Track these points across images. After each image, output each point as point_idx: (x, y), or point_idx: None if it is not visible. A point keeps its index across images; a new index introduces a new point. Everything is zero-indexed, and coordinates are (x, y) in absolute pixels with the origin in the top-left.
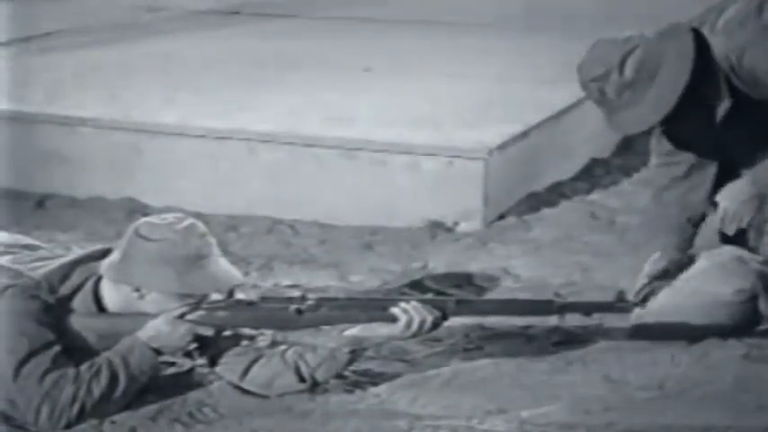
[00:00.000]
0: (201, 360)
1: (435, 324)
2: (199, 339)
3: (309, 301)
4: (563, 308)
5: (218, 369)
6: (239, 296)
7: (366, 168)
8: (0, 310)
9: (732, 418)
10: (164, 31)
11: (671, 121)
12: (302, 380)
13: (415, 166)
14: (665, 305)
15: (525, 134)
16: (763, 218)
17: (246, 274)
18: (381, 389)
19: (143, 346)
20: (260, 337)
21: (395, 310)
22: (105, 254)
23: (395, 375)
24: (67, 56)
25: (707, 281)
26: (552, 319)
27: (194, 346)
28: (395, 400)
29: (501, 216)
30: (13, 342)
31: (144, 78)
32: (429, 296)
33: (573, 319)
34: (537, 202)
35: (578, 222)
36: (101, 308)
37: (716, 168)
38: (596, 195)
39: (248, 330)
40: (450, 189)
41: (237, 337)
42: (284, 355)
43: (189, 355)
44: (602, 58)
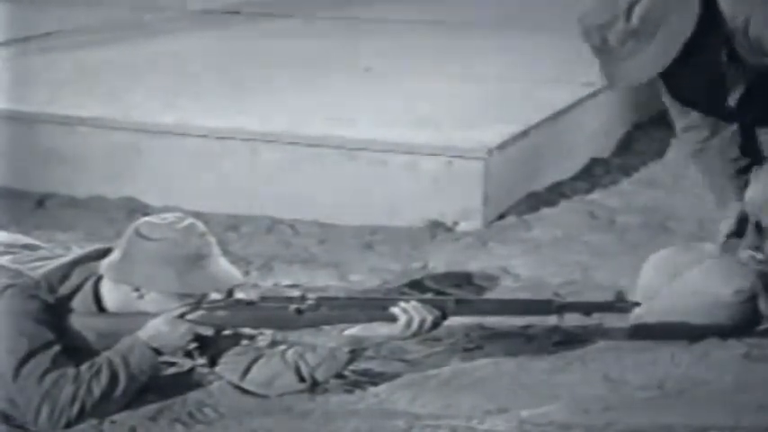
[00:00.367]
0: (201, 360)
1: (435, 324)
2: (199, 339)
3: (309, 301)
4: (562, 307)
5: (218, 369)
6: (239, 296)
7: (366, 168)
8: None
9: (732, 418)
10: (164, 31)
11: (672, 77)
12: (302, 380)
13: (415, 166)
14: (665, 305)
15: (525, 134)
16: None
17: (246, 273)
18: (381, 389)
19: (143, 346)
20: (260, 337)
21: (395, 309)
22: (105, 253)
23: (394, 375)
24: (67, 56)
25: (707, 281)
26: (552, 319)
27: (194, 345)
28: (394, 399)
29: (501, 216)
30: (12, 342)
31: (144, 78)
32: (429, 296)
33: (572, 319)
34: (537, 201)
35: (578, 222)
36: (101, 307)
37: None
38: (596, 195)
39: (248, 330)
40: (450, 189)
41: (237, 337)
42: (284, 354)
43: (189, 354)
44: (609, 5)
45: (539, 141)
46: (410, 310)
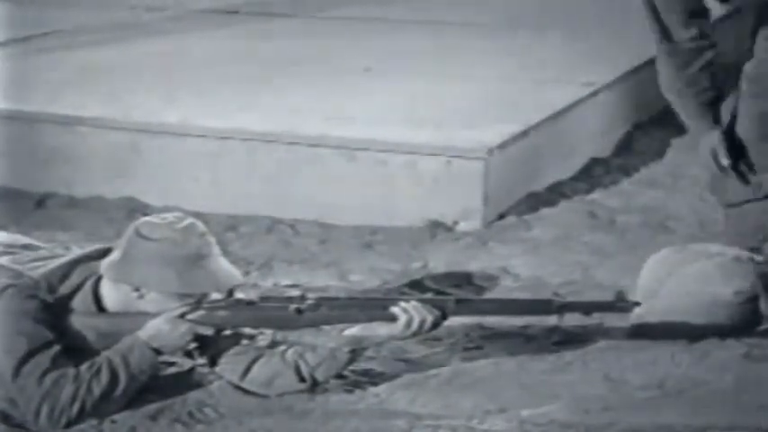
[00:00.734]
0: (201, 360)
1: (435, 324)
2: (199, 339)
3: (309, 301)
4: (562, 307)
5: (218, 369)
6: (239, 296)
7: (366, 168)
8: None
9: (732, 419)
10: (164, 31)
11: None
12: (302, 379)
13: (414, 166)
14: (665, 305)
15: (525, 134)
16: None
17: (246, 273)
18: (381, 389)
19: (143, 346)
20: (260, 337)
21: (395, 309)
22: (105, 253)
23: (394, 375)
24: (67, 56)
25: (707, 281)
26: (552, 319)
27: (194, 345)
28: (394, 399)
29: (501, 216)
30: (12, 342)
31: (144, 78)
32: (429, 296)
33: (572, 319)
34: (537, 201)
35: (578, 222)
36: (101, 307)
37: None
38: (596, 195)
39: (248, 330)
40: (450, 189)
41: (237, 337)
42: (284, 354)
43: (189, 354)
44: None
45: (539, 141)
46: (410, 310)
